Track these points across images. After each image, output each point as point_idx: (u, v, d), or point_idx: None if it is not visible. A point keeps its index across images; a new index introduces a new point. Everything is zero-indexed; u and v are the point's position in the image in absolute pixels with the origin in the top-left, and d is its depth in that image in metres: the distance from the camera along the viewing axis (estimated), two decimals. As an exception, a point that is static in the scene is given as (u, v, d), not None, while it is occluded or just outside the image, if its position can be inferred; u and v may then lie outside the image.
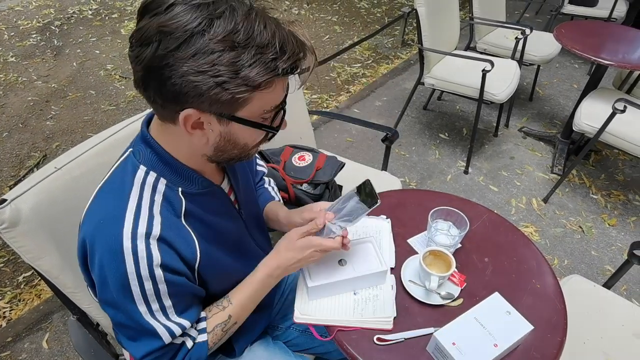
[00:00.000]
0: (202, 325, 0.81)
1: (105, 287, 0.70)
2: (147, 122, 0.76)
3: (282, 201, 1.15)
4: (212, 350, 0.83)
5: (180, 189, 0.75)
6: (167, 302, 0.73)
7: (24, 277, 1.99)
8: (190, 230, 0.75)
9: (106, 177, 0.76)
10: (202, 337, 0.80)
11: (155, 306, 0.72)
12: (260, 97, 0.64)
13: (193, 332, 0.79)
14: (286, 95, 0.72)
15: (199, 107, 0.63)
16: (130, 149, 0.76)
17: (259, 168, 1.15)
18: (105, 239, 0.68)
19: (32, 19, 4.41)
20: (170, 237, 0.71)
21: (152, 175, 0.72)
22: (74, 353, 1.69)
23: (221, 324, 0.82)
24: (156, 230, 0.69)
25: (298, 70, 0.67)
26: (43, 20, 4.39)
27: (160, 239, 0.69)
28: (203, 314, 0.82)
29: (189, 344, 0.78)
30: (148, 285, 0.69)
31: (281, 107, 0.71)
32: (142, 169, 0.72)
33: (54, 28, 4.26)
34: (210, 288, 0.83)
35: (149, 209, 0.70)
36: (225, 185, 0.86)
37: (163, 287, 0.71)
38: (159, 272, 0.69)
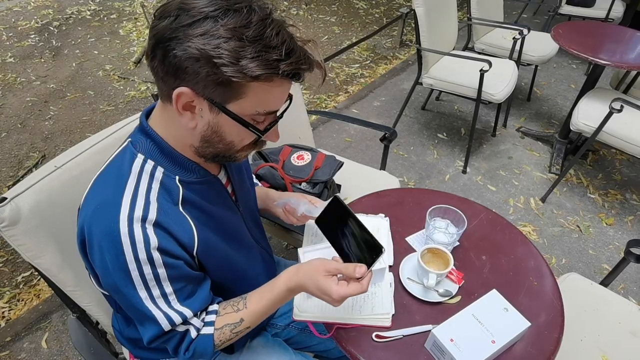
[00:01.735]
0: (210, 318, 0.81)
1: (107, 272, 0.71)
2: (146, 114, 0.78)
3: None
4: (219, 348, 0.83)
5: (177, 177, 0.75)
6: (169, 289, 0.73)
7: (22, 277, 1.99)
8: (188, 217, 0.75)
9: (104, 165, 0.77)
10: (207, 330, 0.79)
11: (156, 292, 0.72)
12: (255, 92, 0.65)
13: (197, 322, 0.79)
14: (287, 108, 0.73)
15: (193, 87, 0.64)
16: (129, 139, 0.77)
17: None
18: (102, 224, 0.69)
19: (31, 19, 4.41)
20: (167, 223, 0.71)
21: (150, 164, 0.73)
22: (73, 352, 1.70)
23: (231, 325, 0.81)
24: (152, 215, 0.70)
25: (300, 79, 0.68)
26: (41, 21, 4.39)
27: (156, 224, 0.70)
28: (215, 307, 0.82)
29: (193, 333, 0.78)
30: (147, 270, 0.70)
31: (276, 115, 0.72)
32: (140, 157, 0.73)
33: (52, 28, 4.26)
34: (211, 276, 0.83)
35: (145, 195, 0.71)
36: (222, 177, 0.87)
37: (162, 272, 0.71)
38: (157, 255, 0.69)
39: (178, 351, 0.79)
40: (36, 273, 1.97)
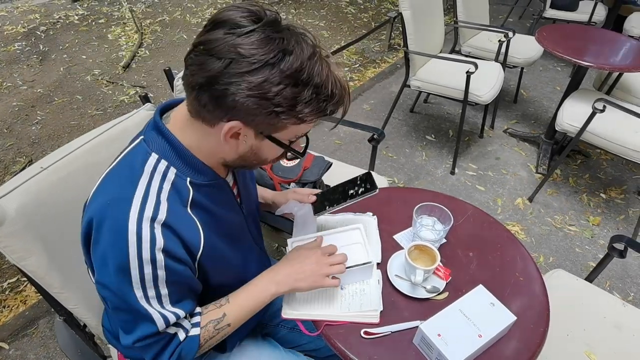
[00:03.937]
0: (196, 319, 0.81)
1: (105, 268, 0.70)
2: (160, 111, 0.78)
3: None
4: (203, 349, 0.82)
5: (188, 179, 0.76)
6: (164, 291, 0.73)
7: (8, 284, 1.96)
8: (196, 219, 0.76)
9: (115, 161, 0.78)
10: (194, 331, 0.80)
11: (151, 293, 0.72)
12: (296, 126, 0.71)
13: (186, 324, 0.79)
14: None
15: (245, 122, 0.68)
16: (142, 137, 0.76)
17: None
18: (111, 220, 0.69)
19: (17, 24, 4.37)
20: (175, 224, 0.72)
21: (163, 164, 0.74)
22: (60, 359, 1.67)
23: (214, 321, 0.82)
24: (162, 215, 0.70)
25: (336, 112, 0.75)
26: (28, 26, 4.35)
27: (165, 225, 0.70)
28: (199, 309, 0.83)
29: (182, 335, 0.78)
30: (147, 270, 0.70)
31: (306, 135, 0.80)
32: (153, 157, 0.73)
33: (39, 33, 4.23)
34: (210, 279, 0.83)
35: (156, 195, 0.72)
36: (229, 179, 0.88)
37: (162, 274, 0.71)
38: (160, 257, 0.70)
39: (160, 356, 0.77)
40: (23, 279, 1.95)
